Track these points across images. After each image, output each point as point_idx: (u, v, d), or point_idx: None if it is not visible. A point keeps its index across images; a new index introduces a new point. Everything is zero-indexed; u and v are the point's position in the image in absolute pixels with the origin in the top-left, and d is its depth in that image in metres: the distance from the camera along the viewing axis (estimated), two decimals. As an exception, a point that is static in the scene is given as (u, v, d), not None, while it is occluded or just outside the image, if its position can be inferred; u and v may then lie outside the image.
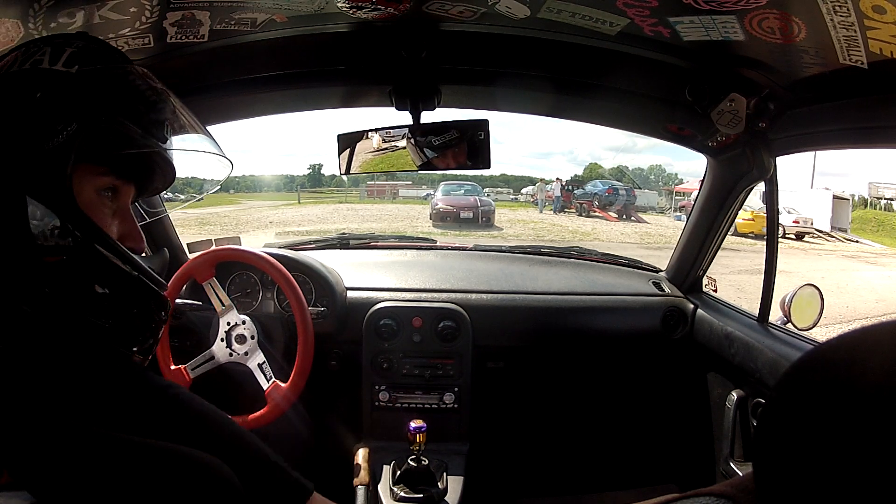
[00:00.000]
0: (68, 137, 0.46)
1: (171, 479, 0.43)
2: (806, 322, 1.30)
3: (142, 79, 0.53)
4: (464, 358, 1.47)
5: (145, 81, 0.53)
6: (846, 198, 17.37)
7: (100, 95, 0.48)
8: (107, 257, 0.49)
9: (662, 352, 1.60)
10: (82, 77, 0.48)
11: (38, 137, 0.45)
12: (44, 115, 0.46)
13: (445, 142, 1.08)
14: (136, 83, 0.52)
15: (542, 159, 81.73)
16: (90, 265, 0.48)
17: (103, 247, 0.49)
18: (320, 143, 68.94)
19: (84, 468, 0.41)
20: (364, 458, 1.23)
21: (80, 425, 0.42)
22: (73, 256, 0.47)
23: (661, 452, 1.70)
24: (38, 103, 0.46)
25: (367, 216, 15.20)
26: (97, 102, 0.48)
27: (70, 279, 0.47)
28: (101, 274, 0.49)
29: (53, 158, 0.46)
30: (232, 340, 1.33)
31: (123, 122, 0.49)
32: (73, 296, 0.48)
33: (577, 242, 10.51)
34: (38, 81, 0.46)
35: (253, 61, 1.06)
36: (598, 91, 1.14)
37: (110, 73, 0.50)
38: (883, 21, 0.65)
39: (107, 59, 0.51)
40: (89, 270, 0.48)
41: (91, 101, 0.48)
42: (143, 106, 0.52)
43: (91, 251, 0.48)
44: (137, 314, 0.51)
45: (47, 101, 0.46)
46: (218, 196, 24.44)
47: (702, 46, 0.89)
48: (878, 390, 0.29)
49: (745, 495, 0.40)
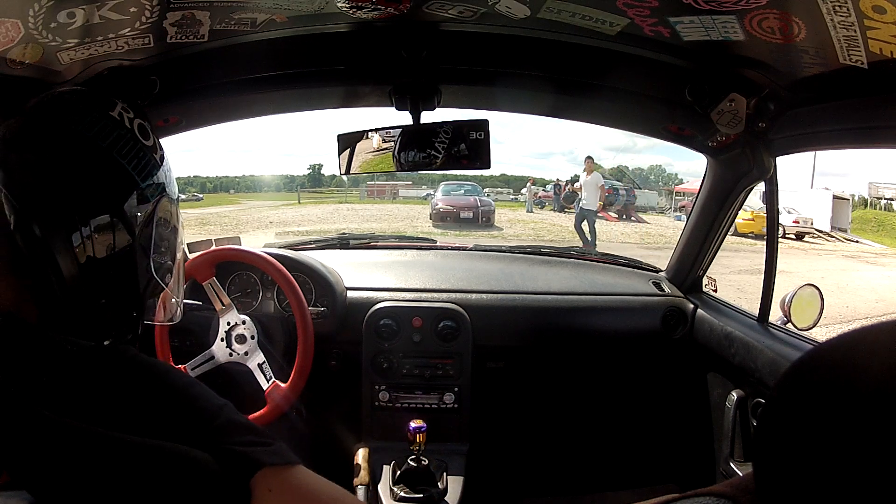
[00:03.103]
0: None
1: (166, 477, 0.43)
2: (806, 322, 1.30)
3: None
4: (464, 358, 1.47)
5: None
6: (846, 198, 17.37)
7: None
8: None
9: (662, 352, 1.60)
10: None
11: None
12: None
13: (445, 142, 1.08)
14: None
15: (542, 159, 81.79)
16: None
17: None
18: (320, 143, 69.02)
19: (83, 467, 0.41)
20: (364, 458, 1.23)
21: (79, 424, 0.42)
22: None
23: (661, 452, 1.70)
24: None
25: (367, 216, 15.19)
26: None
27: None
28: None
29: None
30: (232, 340, 1.33)
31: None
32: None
33: (577, 242, 10.51)
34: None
35: (253, 61, 1.06)
36: (598, 91, 1.14)
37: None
38: (883, 21, 0.65)
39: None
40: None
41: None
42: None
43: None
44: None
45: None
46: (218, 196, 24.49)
47: (702, 46, 0.89)
48: (877, 390, 0.29)
49: (745, 495, 0.40)
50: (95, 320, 0.55)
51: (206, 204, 21.01)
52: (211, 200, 22.78)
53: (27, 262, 0.51)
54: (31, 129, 0.54)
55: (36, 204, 0.51)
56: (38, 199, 0.51)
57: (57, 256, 0.51)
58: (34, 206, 0.51)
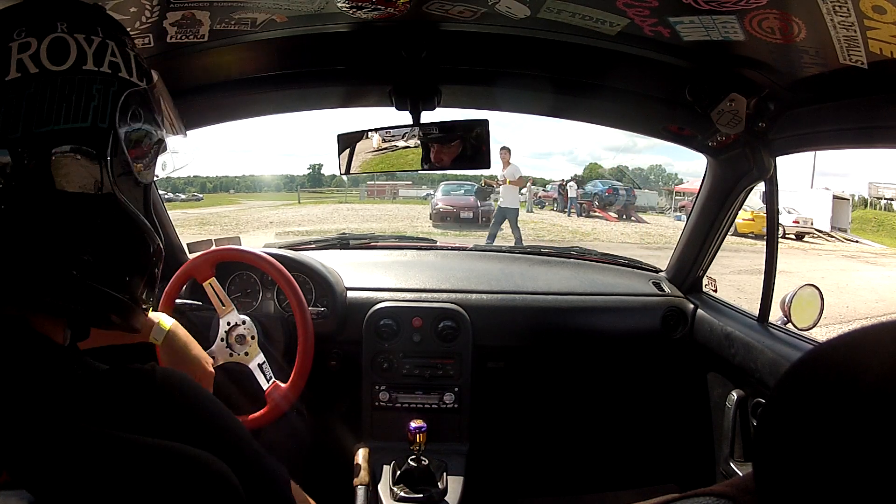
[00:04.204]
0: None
1: (168, 477, 0.43)
2: (806, 322, 1.30)
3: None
4: (464, 358, 1.47)
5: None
6: (846, 198, 17.40)
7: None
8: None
9: (662, 352, 1.60)
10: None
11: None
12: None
13: (445, 142, 1.08)
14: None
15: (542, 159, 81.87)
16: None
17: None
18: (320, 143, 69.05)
19: (83, 466, 0.41)
20: (364, 458, 1.23)
21: (79, 423, 0.42)
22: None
23: (661, 452, 1.70)
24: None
25: (368, 216, 15.21)
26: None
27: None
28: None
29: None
30: (232, 340, 1.33)
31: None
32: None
33: (577, 242, 10.51)
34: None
35: (253, 61, 1.06)
36: (598, 91, 1.14)
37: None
38: (883, 21, 0.65)
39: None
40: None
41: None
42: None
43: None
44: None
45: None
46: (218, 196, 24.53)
47: (702, 46, 0.89)
48: (878, 390, 0.29)
49: (745, 495, 0.40)
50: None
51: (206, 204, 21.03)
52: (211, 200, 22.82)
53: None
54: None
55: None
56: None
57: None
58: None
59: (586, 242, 10.59)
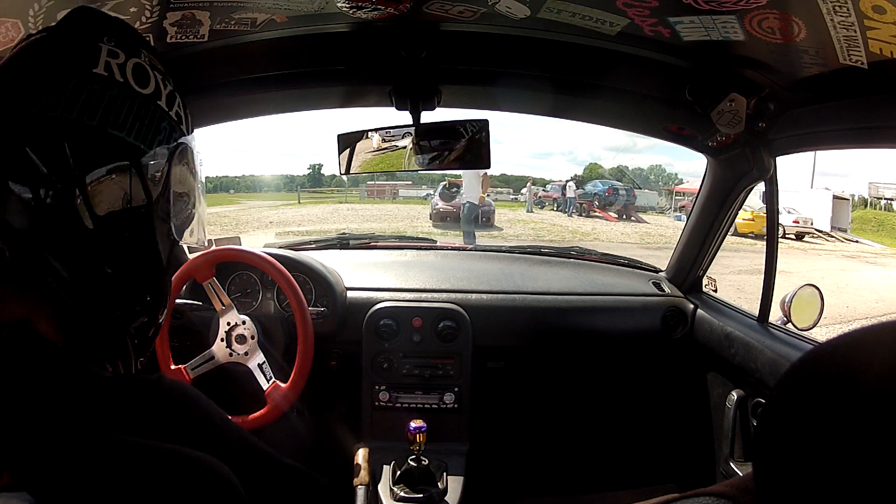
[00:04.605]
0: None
1: (168, 478, 0.42)
2: (806, 322, 1.30)
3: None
4: (464, 358, 1.47)
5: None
6: (846, 198, 17.40)
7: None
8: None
9: (662, 352, 1.60)
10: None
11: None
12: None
13: (445, 142, 1.08)
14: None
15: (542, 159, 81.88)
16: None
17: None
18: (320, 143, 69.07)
19: (83, 468, 0.41)
20: (364, 458, 1.23)
21: (80, 425, 0.42)
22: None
23: (661, 452, 1.70)
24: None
25: (367, 216, 15.21)
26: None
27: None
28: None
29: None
30: (232, 340, 1.33)
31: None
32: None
33: (577, 242, 10.51)
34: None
35: (253, 61, 1.06)
36: (598, 91, 1.14)
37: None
38: (883, 21, 0.65)
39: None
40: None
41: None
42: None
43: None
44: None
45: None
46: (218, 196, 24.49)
47: (702, 46, 0.89)
48: (878, 390, 0.29)
49: (745, 495, 0.40)
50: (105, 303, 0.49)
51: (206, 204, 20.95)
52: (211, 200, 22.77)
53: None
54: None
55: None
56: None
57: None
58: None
59: (586, 242, 10.59)
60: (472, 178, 6.75)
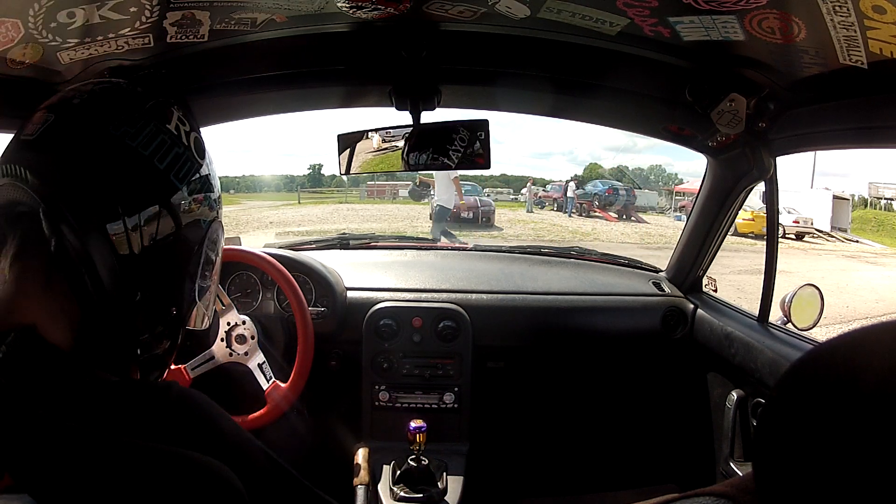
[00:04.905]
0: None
1: (169, 480, 0.42)
2: (806, 322, 1.30)
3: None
4: (464, 358, 1.47)
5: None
6: (846, 198, 17.41)
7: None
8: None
9: (662, 352, 1.60)
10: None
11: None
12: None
13: (445, 142, 1.08)
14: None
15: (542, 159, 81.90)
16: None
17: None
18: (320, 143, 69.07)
19: (85, 470, 0.41)
20: (364, 458, 1.23)
21: (82, 427, 0.42)
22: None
23: (661, 452, 1.70)
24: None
25: (367, 216, 15.21)
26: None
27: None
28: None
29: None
30: (232, 340, 1.33)
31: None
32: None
33: (577, 242, 10.51)
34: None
35: (253, 61, 1.06)
36: (598, 91, 1.14)
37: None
38: (883, 21, 0.65)
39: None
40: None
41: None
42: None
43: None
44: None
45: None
46: (218, 196, 24.42)
47: (702, 46, 0.89)
48: (878, 390, 0.29)
49: (745, 495, 0.40)
50: (130, 326, 0.52)
51: (206, 204, 20.90)
52: (211, 200, 22.65)
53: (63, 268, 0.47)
54: (69, 131, 0.49)
55: (73, 206, 0.48)
56: (76, 200, 0.48)
57: (94, 256, 0.48)
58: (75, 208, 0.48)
59: (586, 242, 10.59)
60: (443, 180, 6.45)
